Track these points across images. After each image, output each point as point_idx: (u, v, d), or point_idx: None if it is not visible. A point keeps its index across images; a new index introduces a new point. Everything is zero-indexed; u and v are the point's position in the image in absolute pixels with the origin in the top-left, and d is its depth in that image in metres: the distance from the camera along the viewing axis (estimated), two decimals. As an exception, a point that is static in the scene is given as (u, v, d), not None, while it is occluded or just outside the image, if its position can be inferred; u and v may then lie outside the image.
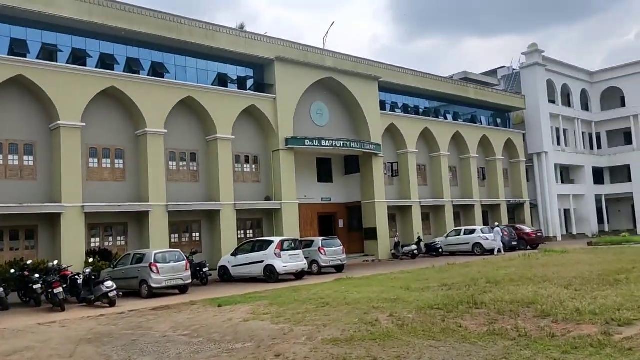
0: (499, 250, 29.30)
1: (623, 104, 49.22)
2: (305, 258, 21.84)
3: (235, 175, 26.26)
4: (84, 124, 21.21)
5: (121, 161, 22.96)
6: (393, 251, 30.67)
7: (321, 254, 23.11)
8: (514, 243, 31.84)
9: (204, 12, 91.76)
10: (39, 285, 16.34)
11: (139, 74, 23.37)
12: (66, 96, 20.76)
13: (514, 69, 47.51)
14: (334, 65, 29.97)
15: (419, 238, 31.38)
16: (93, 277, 16.83)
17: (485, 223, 37.89)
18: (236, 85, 26.90)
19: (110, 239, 22.70)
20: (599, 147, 50.10)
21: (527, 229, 34.40)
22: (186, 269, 18.53)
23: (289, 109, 27.65)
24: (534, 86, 44.24)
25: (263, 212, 27.39)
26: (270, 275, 20.51)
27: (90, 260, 20.01)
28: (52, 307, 15.84)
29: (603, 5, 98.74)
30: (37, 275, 16.75)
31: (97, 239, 22.34)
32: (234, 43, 25.83)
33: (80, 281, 16.91)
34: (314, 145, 28.07)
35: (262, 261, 20.80)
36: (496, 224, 33.05)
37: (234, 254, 22.05)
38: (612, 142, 50.07)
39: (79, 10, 21.14)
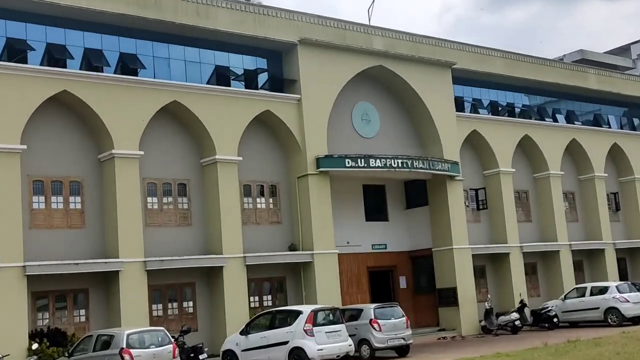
0: None
1: None
2: (351, 336, 21.65)
3: (245, 214, 26.28)
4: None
5: (78, 198, 23.25)
6: (483, 322, 30.15)
7: (374, 329, 22.86)
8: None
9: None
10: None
11: (101, 71, 23.68)
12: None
13: (656, 44, 46.71)
14: (385, 49, 29.94)
15: (521, 302, 30.81)
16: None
17: (623, 277, 36.81)
18: (242, 83, 27.16)
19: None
20: None
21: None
22: (174, 357, 18.47)
23: (321, 115, 27.64)
24: (689, 68, 43.35)
25: (286, 267, 27.25)
26: (299, 364, 20.33)
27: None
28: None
29: None
30: None
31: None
32: (239, 23, 26.13)
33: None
34: (358, 167, 27.90)
35: (286, 342, 20.70)
36: None
37: (245, 332, 22.01)
38: None
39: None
